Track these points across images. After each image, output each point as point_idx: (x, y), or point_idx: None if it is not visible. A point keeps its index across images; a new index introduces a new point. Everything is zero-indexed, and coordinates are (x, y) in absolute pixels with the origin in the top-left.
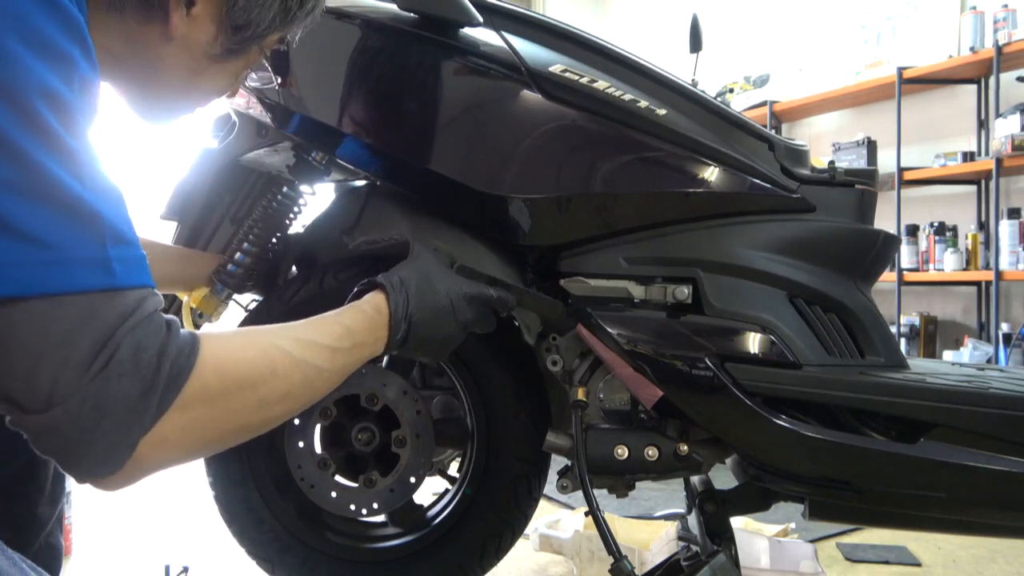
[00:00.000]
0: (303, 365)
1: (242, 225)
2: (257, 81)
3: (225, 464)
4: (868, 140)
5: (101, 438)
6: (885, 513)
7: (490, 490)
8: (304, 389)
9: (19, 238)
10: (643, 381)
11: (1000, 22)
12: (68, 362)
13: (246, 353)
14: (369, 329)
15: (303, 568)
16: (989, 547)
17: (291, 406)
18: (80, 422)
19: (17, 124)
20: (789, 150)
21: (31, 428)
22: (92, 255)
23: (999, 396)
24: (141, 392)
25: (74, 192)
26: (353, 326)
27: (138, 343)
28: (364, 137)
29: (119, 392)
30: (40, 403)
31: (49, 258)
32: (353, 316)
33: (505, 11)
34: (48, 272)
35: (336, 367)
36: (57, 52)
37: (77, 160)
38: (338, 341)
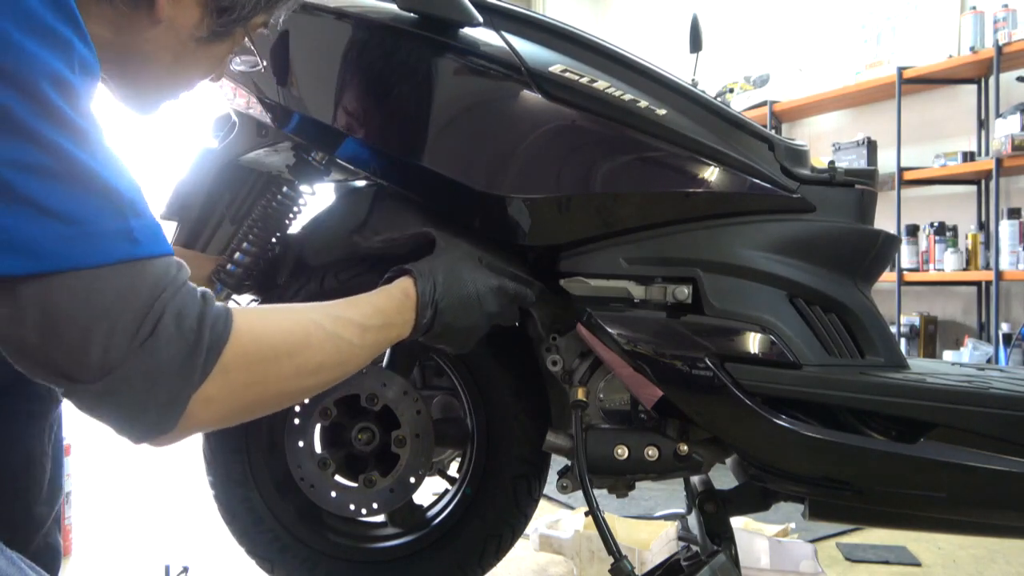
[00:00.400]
0: (336, 339)
1: (242, 225)
2: (243, 65)
3: (226, 464)
4: (868, 140)
5: (155, 400)
6: (885, 513)
7: (490, 490)
8: (336, 362)
9: (47, 215)
10: (643, 381)
11: (1000, 22)
12: (115, 332)
13: (281, 323)
14: (398, 311)
15: (303, 568)
16: (989, 547)
17: (324, 378)
18: (135, 387)
19: (30, 110)
20: (789, 150)
21: (87, 397)
22: (117, 227)
23: (999, 396)
24: (187, 355)
25: (91, 169)
26: (383, 307)
27: (179, 311)
28: (364, 137)
29: (168, 357)
30: (94, 373)
31: (78, 232)
32: (383, 297)
33: (505, 11)
34: (80, 246)
35: (366, 344)
36: (56, 37)
37: (88, 139)
38: (369, 319)
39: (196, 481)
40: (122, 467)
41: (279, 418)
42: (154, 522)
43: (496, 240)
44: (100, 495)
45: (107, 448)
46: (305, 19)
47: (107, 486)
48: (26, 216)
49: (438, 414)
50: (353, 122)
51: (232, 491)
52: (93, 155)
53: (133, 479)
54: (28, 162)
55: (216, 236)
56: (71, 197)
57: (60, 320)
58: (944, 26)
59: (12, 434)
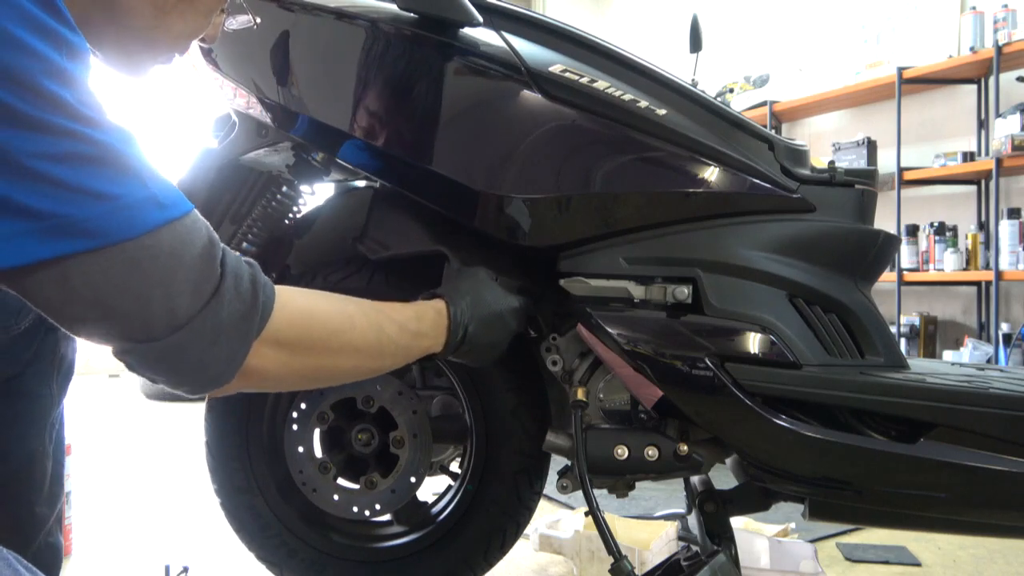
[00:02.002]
0: (377, 329)
1: (241, 225)
2: (236, 23)
3: (229, 471)
4: (868, 140)
5: (216, 355)
6: (885, 513)
7: (491, 485)
8: (375, 351)
9: (82, 195)
10: (643, 381)
11: (1000, 22)
12: (175, 293)
13: (325, 303)
14: (432, 326)
15: (312, 570)
16: (989, 547)
17: (362, 363)
18: (203, 341)
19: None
20: (789, 150)
21: (152, 353)
22: (144, 195)
23: (999, 396)
24: (244, 313)
25: (107, 144)
26: (421, 315)
27: (235, 272)
28: (363, 137)
29: (229, 314)
30: (161, 331)
31: (112, 207)
32: (419, 308)
33: (505, 11)
34: (117, 220)
35: (401, 344)
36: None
37: (96, 119)
38: (407, 322)
39: (196, 481)
40: (122, 467)
41: (279, 423)
42: (154, 522)
43: (496, 240)
44: (100, 495)
45: (107, 448)
46: (305, 19)
47: (107, 486)
48: (61, 199)
49: (438, 412)
50: (353, 122)
51: (237, 498)
52: (105, 132)
53: (133, 479)
54: (49, 151)
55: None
56: (98, 175)
57: (115, 293)
58: (944, 26)
59: (14, 434)
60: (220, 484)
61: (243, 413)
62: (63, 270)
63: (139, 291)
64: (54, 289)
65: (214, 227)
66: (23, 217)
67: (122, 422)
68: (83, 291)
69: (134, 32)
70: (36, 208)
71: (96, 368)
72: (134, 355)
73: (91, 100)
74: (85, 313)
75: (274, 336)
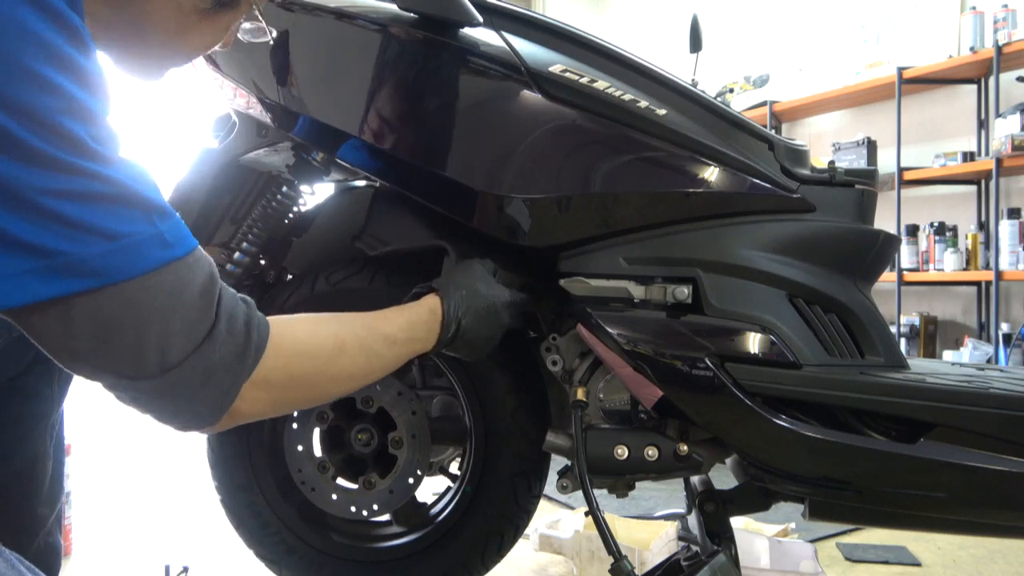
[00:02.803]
0: (367, 351)
1: (241, 225)
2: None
3: (229, 469)
4: (868, 140)
5: (207, 396)
6: (885, 513)
7: (490, 488)
8: (366, 372)
9: (90, 234)
10: (643, 381)
11: (1000, 22)
12: (169, 333)
13: (317, 333)
14: (425, 327)
15: (309, 569)
16: (989, 547)
17: (354, 385)
18: (193, 383)
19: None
20: (789, 150)
21: (142, 391)
22: (150, 233)
23: (999, 396)
24: (237, 355)
25: (118, 182)
26: (412, 321)
27: (229, 314)
28: (363, 137)
29: (222, 356)
30: (152, 370)
31: (118, 247)
32: (412, 313)
33: (505, 11)
34: (122, 259)
35: (392, 356)
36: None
37: (109, 155)
38: (398, 333)
39: (196, 481)
40: (122, 467)
41: (279, 422)
42: (154, 522)
43: (496, 240)
44: (100, 495)
45: (107, 448)
46: (305, 19)
47: (107, 486)
48: (67, 237)
49: (438, 413)
50: (352, 122)
51: (237, 496)
52: (117, 168)
53: (133, 479)
54: (58, 188)
55: (216, 236)
56: (107, 213)
57: (112, 330)
58: (944, 26)
59: (15, 435)
60: (220, 481)
61: None
62: (66, 308)
63: (134, 329)
64: (55, 326)
65: (214, 227)
66: (27, 254)
67: (122, 422)
68: (82, 328)
69: (152, 43)
70: (41, 245)
71: None
72: (122, 392)
73: (107, 135)
74: (80, 348)
75: (264, 377)
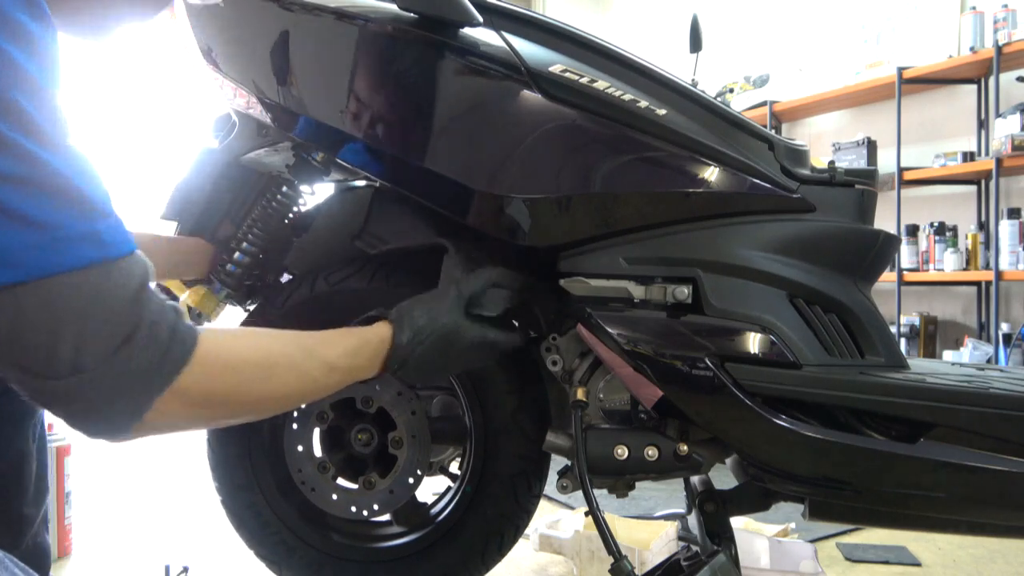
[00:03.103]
0: (301, 374)
1: (242, 225)
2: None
3: (230, 469)
4: (868, 140)
5: (120, 402)
6: (885, 513)
7: (490, 488)
8: (298, 395)
9: (17, 222)
10: (643, 381)
11: (1000, 22)
12: (87, 334)
13: (249, 350)
14: (370, 356)
15: (309, 569)
16: (989, 547)
17: (282, 406)
18: (104, 388)
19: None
20: (789, 150)
21: (50, 392)
22: (85, 230)
23: (999, 396)
24: (156, 364)
25: (58, 171)
26: (356, 350)
27: (154, 321)
28: (364, 137)
29: (139, 363)
30: (63, 370)
31: (48, 239)
32: (359, 341)
33: (505, 11)
34: (50, 253)
35: (331, 383)
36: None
37: (54, 140)
38: (339, 360)
39: (196, 481)
40: (122, 467)
41: (280, 422)
42: (154, 522)
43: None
44: (100, 495)
45: (107, 448)
46: (305, 19)
47: (107, 486)
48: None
49: (438, 413)
50: (353, 122)
51: (237, 496)
52: (60, 156)
53: (133, 479)
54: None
55: (217, 236)
56: (40, 203)
57: (29, 325)
58: (944, 26)
59: (1, 436)
60: (221, 481)
61: None
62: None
63: (51, 327)
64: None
65: (214, 227)
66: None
67: None
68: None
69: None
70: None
71: None
72: (30, 390)
73: (54, 117)
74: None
75: (183, 390)
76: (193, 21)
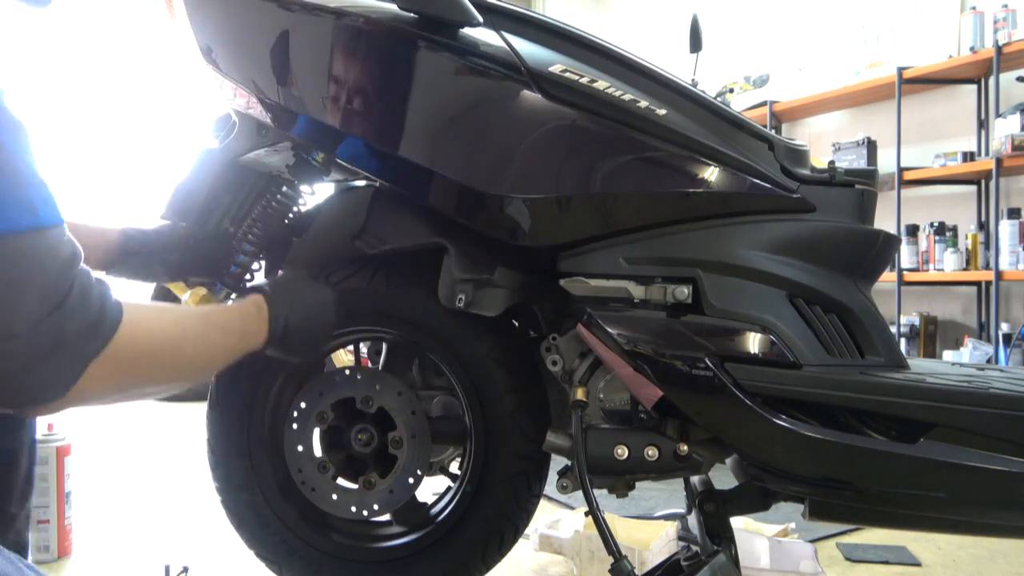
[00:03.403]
0: (205, 339)
1: (241, 225)
2: None
3: (230, 469)
4: (868, 140)
5: (53, 368)
6: (885, 513)
7: (489, 487)
8: (205, 359)
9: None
10: (643, 381)
11: (1000, 22)
12: (19, 301)
13: (162, 319)
14: (254, 321)
15: (310, 569)
16: (989, 547)
17: (191, 373)
18: (36, 353)
19: None
20: (789, 150)
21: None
22: (17, 196)
23: (999, 396)
24: (88, 329)
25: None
26: (241, 316)
27: (83, 288)
28: (363, 137)
29: (71, 329)
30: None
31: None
32: (240, 309)
33: (505, 11)
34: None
35: (228, 346)
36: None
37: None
38: (231, 323)
39: (196, 481)
40: (122, 467)
41: (280, 422)
42: (154, 522)
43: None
44: (100, 495)
45: (107, 448)
46: (305, 19)
47: (107, 486)
48: None
49: (439, 413)
50: (353, 122)
51: (237, 496)
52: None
53: (133, 479)
54: None
55: (216, 236)
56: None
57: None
58: (944, 26)
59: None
60: (221, 482)
61: (245, 411)
62: None
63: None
64: None
65: (214, 227)
66: None
67: (122, 422)
68: None
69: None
70: None
71: None
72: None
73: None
74: None
75: (112, 356)
76: (193, 20)
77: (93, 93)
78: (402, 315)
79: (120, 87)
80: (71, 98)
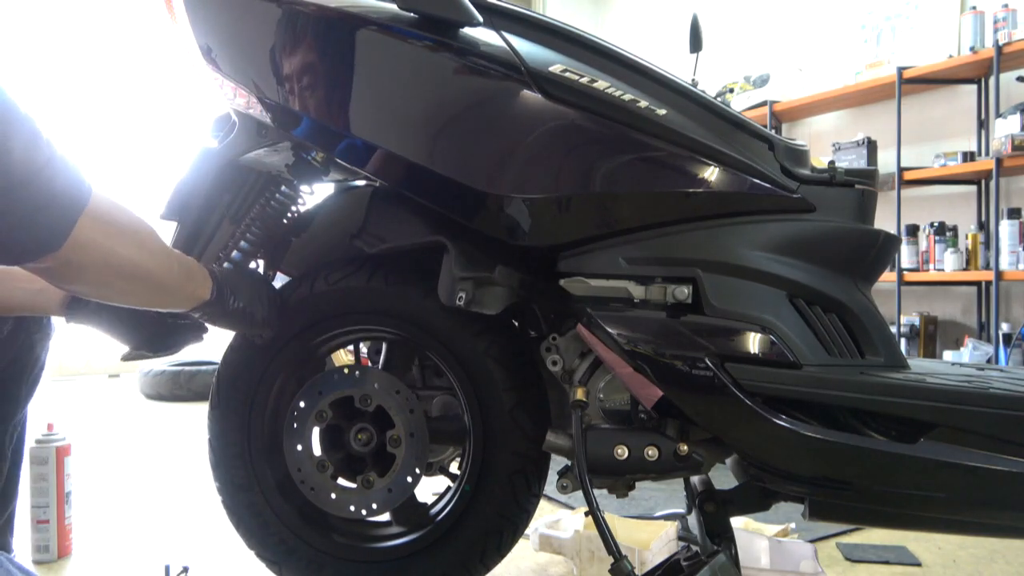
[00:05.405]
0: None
1: (240, 224)
2: None
3: (230, 469)
4: (868, 140)
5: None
6: (885, 513)
7: (489, 487)
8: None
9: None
10: (643, 381)
11: (1000, 22)
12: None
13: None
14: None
15: (309, 569)
16: (989, 547)
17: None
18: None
19: None
20: (789, 150)
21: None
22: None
23: (999, 396)
24: (74, 187)
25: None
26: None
27: (63, 154)
28: (363, 137)
29: (61, 184)
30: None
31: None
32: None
33: (505, 11)
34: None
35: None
36: None
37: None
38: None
39: (196, 481)
40: (122, 467)
41: (279, 421)
42: (154, 522)
43: (497, 241)
44: (100, 495)
45: (107, 448)
46: (305, 19)
47: (107, 486)
48: None
49: (438, 413)
50: (352, 122)
51: (237, 496)
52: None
53: (133, 479)
54: None
55: (216, 236)
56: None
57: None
58: (944, 26)
59: None
60: (221, 481)
61: (245, 411)
62: None
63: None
64: None
65: (214, 226)
66: None
67: (122, 422)
68: None
69: None
70: None
71: (96, 368)
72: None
73: None
74: None
75: (97, 210)
76: (193, 20)
77: (93, 93)
78: (401, 313)
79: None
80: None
